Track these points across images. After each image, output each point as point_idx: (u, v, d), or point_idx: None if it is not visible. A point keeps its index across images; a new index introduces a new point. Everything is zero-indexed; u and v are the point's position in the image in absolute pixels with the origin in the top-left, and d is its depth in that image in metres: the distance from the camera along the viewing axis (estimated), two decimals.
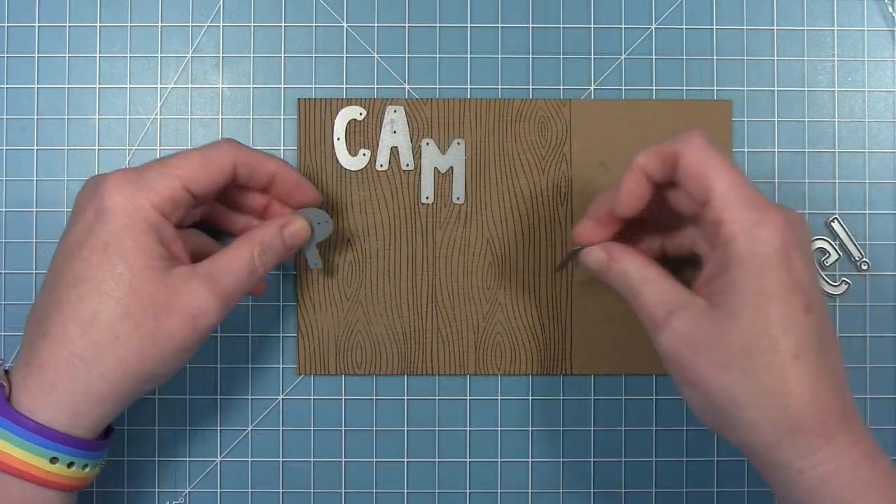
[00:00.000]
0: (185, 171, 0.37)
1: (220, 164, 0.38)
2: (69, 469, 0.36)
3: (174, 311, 0.36)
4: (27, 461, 0.35)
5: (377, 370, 0.45)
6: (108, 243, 0.35)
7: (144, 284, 0.35)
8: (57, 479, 0.35)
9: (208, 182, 0.38)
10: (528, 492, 0.46)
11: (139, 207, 0.36)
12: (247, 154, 0.39)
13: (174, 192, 0.36)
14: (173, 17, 0.46)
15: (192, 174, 0.37)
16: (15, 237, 0.45)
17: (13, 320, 0.45)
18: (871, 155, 0.46)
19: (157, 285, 0.35)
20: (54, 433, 0.35)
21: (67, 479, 0.36)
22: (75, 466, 0.36)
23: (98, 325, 0.35)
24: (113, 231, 0.35)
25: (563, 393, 0.46)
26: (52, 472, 0.35)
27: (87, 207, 0.36)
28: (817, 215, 0.46)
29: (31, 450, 0.35)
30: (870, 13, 0.46)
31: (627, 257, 0.37)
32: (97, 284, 0.35)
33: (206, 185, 0.37)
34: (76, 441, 0.35)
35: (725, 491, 0.46)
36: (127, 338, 0.35)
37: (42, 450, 0.35)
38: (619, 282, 0.38)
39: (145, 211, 0.36)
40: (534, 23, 0.46)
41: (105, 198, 0.35)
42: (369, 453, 0.46)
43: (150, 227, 0.36)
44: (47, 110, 0.46)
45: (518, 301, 0.45)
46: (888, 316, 0.46)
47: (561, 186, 0.45)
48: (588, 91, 0.46)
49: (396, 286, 0.45)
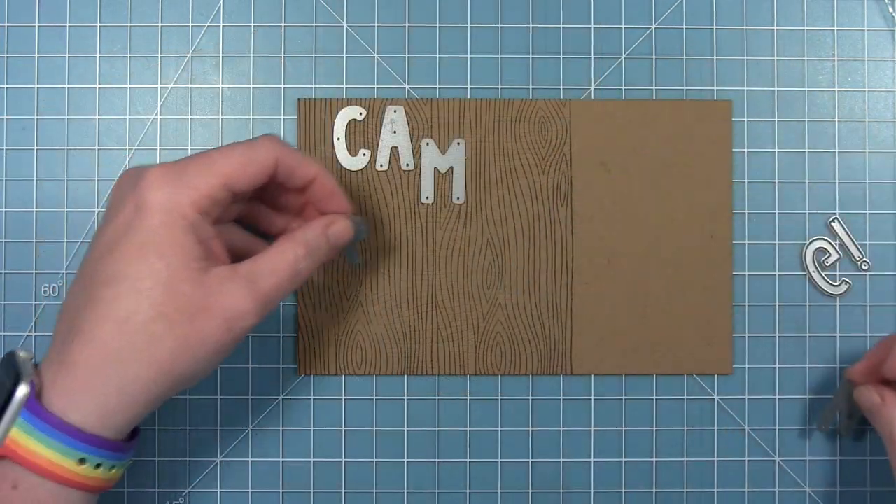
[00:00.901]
0: (226, 168, 0.36)
1: (262, 163, 0.37)
2: (96, 470, 0.35)
3: (210, 313, 0.35)
4: (56, 461, 0.34)
5: (377, 370, 0.45)
6: (146, 242, 0.34)
7: (181, 285, 0.34)
8: (84, 480, 0.35)
9: (249, 181, 0.37)
10: (529, 492, 0.46)
11: (179, 205, 0.35)
12: (288, 154, 0.38)
13: (214, 190, 0.36)
14: (173, 17, 0.46)
15: (233, 172, 0.36)
16: (15, 237, 0.45)
17: (13, 320, 0.45)
18: (871, 155, 0.46)
19: (193, 286, 0.35)
20: (84, 434, 0.34)
21: (94, 480, 0.35)
22: (102, 468, 0.35)
23: (133, 325, 0.34)
24: (151, 229, 0.34)
25: (563, 393, 0.46)
26: (79, 473, 0.34)
27: (126, 203, 0.35)
28: (817, 215, 0.46)
29: (60, 450, 0.34)
30: (870, 13, 0.46)
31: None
32: (133, 283, 0.34)
33: (246, 184, 0.37)
34: (105, 442, 0.35)
35: (725, 491, 0.46)
36: (161, 339, 0.34)
37: (71, 450, 0.34)
38: (884, 428, 0.40)
39: (185, 209, 0.35)
40: (534, 23, 0.46)
41: (144, 194, 0.35)
42: (369, 453, 0.46)
43: (189, 226, 0.35)
44: (47, 110, 0.46)
45: (518, 301, 0.45)
46: (888, 316, 0.46)
47: (561, 186, 0.45)
48: (588, 91, 0.46)
49: (396, 286, 0.45)
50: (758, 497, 0.46)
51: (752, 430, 0.46)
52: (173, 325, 0.34)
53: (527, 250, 0.46)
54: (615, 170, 0.45)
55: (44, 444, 0.34)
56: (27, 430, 0.34)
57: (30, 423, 0.34)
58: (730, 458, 0.46)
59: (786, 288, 0.46)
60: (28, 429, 0.34)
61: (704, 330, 0.45)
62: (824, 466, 0.46)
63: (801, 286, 0.46)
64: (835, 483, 0.46)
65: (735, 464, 0.46)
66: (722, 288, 0.45)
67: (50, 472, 0.34)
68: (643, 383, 0.46)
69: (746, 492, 0.46)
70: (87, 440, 0.34)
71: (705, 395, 0.46)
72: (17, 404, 0.34)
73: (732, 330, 0.45)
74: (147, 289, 0.34)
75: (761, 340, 0.46)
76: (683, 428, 0.46)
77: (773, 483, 0.46)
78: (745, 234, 0.46)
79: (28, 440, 0.34)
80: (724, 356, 0.45)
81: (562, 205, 0.46)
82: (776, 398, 0.46)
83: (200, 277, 0.35)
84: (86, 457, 0.34)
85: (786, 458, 0.46)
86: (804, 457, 0.46)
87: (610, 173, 0.46)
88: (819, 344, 0.46)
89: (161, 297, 0.34)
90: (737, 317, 0.46)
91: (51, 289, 0.45)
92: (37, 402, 0.34)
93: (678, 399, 0.46)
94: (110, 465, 0.35)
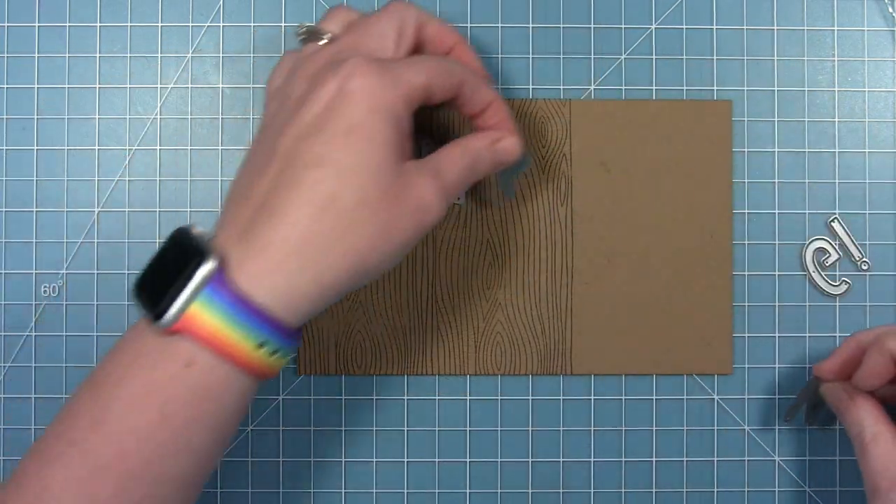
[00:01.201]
0: (430, 73, 0.36)
1: (457, 77, 0.37)
2: (270, 357, 0.34)
3: (406, 203, 0.34)
4: (236, 342, 0.33)
5: (377, 370, 0.45)
6: (353, 127, 0.34)
7: (384, 173, 0.34)
8: (258, 366, 0.34)
9: (444, 92, 0.36)
10: (529, 492, 0.46)
11: (386, 97, 0.34)
12: (473, 77, 0.38)
13: (418, 90, 0.35)
14: (173, 17, 0.46)
15: (435, 77, 0.36)
16: (15, 237, 0.45)
17: (13, 320, 0.45)
18: (871, 155, 0.46)
19: (393, 176, 0.34)
20: (270, 317, 0.33)
21: (265, 368, 0.34)
22: (277, 355, 0.34)
23: (336, 210, 0.33)
24: (358, 115, 0.34)
25: (563, 393, 0.46)
26: (256, 358, 0.33)
27: (324, 85, 0.35)
28: (817, 215, 0.46)
29: (243, 331, 0.33)
30: (870, 13, 0.46)
31: (866, 407, 0.39)
32: (339, 168, 0.33)
33: (443, 92, 0.36)
34: (286, 329, 0.34)
35: (725, 491, 0.46)
36: (362, 226, 0.33)
37: (254, 333, 0.33)
38: (851, 428, 0.39)
39: (391, 101, 0.34)
40: (534, 23, 0.46)
41: (351, 80, 0.34)
42: (369, 453, 0.46)
43: (393, 118, 0.34)
44: (47, 110, 0.46)
45: (518, 301, 0.45)
46: (888, 316, 0.46)
47: (561, 186, 0.45)
48: (588, 91, 0.46)
49: (396, 286, 0.45)
50: (758, 497, 0.46)
51: (752, 430, 0.46)
52: (374, 212, 0.34)
53: (527, 250, 0.46)
54: (615, 170, 0.45)
55: (226, 323, 0.32)
56: (210, 306, 0.32)
57: (214, 300, 0.32)
58: (730, 458, 0.46)
59: (786, 288, 0.46)
60: (212, 305, 0.32)
61: (704, 330, 0.45)
62: (824, 466, 0.46)
63: (801, 286, 0.46)
64: (835, 483, 0.46)
65: (735, 464, 0.46)
66: (722, 288, 0.45)
67: (228, 352, 0.33)
68: (643, 383, 0.46)
69: (746, 492, 0.46)
70: (271, 324, 0.33)
71: (705, 395, 0.46)
72: (200, 279, 0.32)
73: (732, 330, 0.45)
74: (353, 174, 0.33)
75: (761, 340, 0.46)
76: (683, 428, 0.46)
77: (773, 483, 0.46)
78: (745, 234, 0.46)
79: (211, 317, 0.32)
80: (724, 356, 0.45)
81: (562, 205, 0.46)
82: (776, 398, 0.46)
83: (399, 168, 0.35)
84: (266, 341, 0.33)
85: (786, 458, 0.46)
86: (804, 457, 0.46)
87: (610, 173, 0.46)
88: (819, 344, 0.46)
89: (366, 183, 0.34)
90: (737, 317, 0.46)
91: (51, 289, 0.45)
92: (224, 279, 0.33)
93: (678, 399, 0.46)
94: (284, 353, 0.34)
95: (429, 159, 0.37)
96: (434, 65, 0.36)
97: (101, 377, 0.34)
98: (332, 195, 0.33)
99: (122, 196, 0.46)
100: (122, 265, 0.45)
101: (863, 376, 0.39)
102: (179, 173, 0.46)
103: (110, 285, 0.45)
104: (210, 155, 0.46)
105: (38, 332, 0.45)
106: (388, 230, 0.34)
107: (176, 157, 0.46)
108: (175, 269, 0.33)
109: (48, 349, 0.45)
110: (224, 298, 0.32)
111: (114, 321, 0.45)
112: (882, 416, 0.39)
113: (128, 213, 0.46)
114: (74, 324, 0.45)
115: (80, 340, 0.45)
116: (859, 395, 0.40)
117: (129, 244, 0.45)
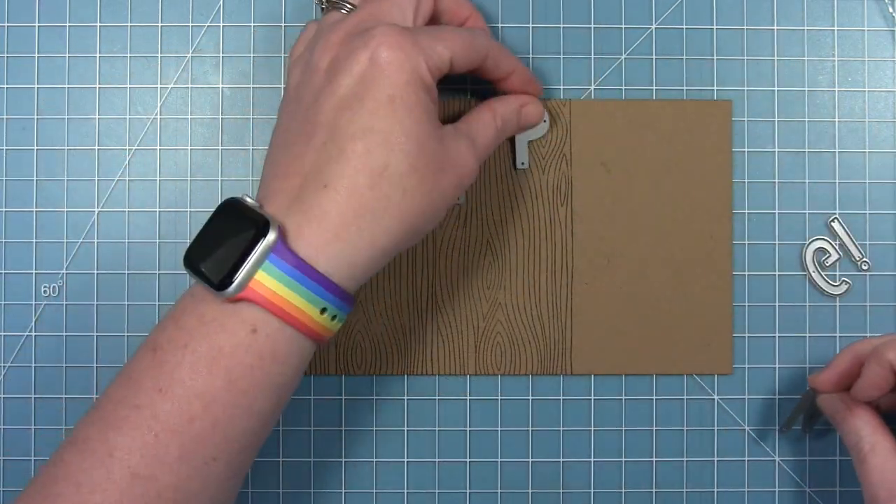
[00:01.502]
0: (455, 44, 0.37)
1: (482, 50, 0.38)
2: (331, 321, 0.35)
3: (448, 167, 0.36)
4: (301, 307, 0.34)
5: (377, 370, 0.45)
6: (394, 96, 0.35)
7: (428, 140, 0.35)
8: (320, 330, 0.35)
9: (469, 62, 0.38)
10: (529, 492, 0.46)
11: (419, 66, 0.35)
12: (497, 47, 0.40)
13: (444, 61, 0.36)
14: (173, 17, 0.46)
15: (460, 49, 0.37)
16: (15, 237, 0.45)
17: (13, 320, 0.45)
18: (871, 155, 0.46)
19: (436, 143, 0.36)
20: (331, 283, 0.34)
21: (326, 331, 0.36)
22: (336, 319, 0.36)
23: (388, 178, 0.35)
24: (398, 84, 0.35)
25: (563, 393, 0.46)
26: (318, 322, 0.35)
27: (356, 55, 0.35)
28: (817, 215, 0.46)
29: (307, 297, 0.34)
30: (870, 13, 0.46)
31: (863, 417, 0.39)
32: (386, 137, 0.35)
33: (467, 64, 0.38)
34: (345, 294, 0.35)
35: (725, 491, 0.46)
36: (413, 192, 0.35)
37: (318, 298, 0.34)
38: (849, 438, 0.39)
39: (423, 71, 0.36)
40: (534, 23, 0.46)
41: (381, 50, 0.35)
42: (369, 453, 0.46)
43: (425, 88, 0.36)
44: (47, 110, 0.46)
45: (518, 301, 0.45)
46: (888, 316, 0.46)
47: (561, 186, 0.45)
48: (588, 91, 0.46)
49: (396, 286, 0.45)
50: (758, 497, 0.46)
51: (752, 430, 0.46)
52: (423, 179, 0.35)
53: (527, 250, 0.46)
54: (615, 170, 0.45)
55: (292, 290, 0.34)
56: (275, 274, 0.34)
57: (279, 269, 0.34)
58: (730, 458, 0.46)
59: (786, 288, 0.46)
60: (277, 274, 0.34)
61: (704, 330, 0.45)
62: (824, 466, 0.46)
63: (801, 286, 0.46)
64: (835, 483, 0.46)
65: (735, 464, 0.46)
66: (722, 288, 0.45)
67: (294, 318, 0.34)
68: (643, 383, 0.46)
69: (746, 492, 0.46)
70: (332, 290, 0.35)
71: (705, 395, 0.46)
72: (264, 248, 0.34)
73: (732, 330, 0.45)
74: (400, 143, 0.35)
75: (761, 340, 0.46)
76: (683, 428, 0.46)
77: (773, 483, 0.46)
78: (745, 234, 0.46)
79: (277, 285, 0.34)
80: (724, 356, 0.45)
81: (562, 205, 0.46)
82: (776, 398, 0.46)
83: (439, 135, 0.36)
84: (328, 306, 0.35)
85: (786, 458, 0.46)
86: (804, 457, 0.46)
87: (610, 173, 0.46)
88: (819, 344, 0.46)
89: (413, 150, 0.35)
90: (737, 317, 0.46)
91: (51, 289, 0.45)
92: (287, 247, 0.34)
93: (678, 399, 0.46)
94: (341, 317, 0.36)
95: (462, 124, 0.39)
96: (459, 38, 0.37)
97: (163, 343, 0.34)
98: (384, 164, 0.34)
99: (122, 196, 0.46)
100: (122, 265, 0.45)
101: (862, 387, 0.39)
102: (179, 173, 0.46)
103: (110, 285, 0.45)
104: (210, 155, 0.46)
105: (38, 332, 0.45)
106: (434, 193, 0.36)
107: (176, 157, 0.46)
108: (234, 238, 0.34)
109: (48, 349, 0.45)
110: (287, 266, 0.34)
111: (114, 321, 0.45)
112: (880, 426, 0.39)
113: (128, 213, 0.46)
114: (74, 324, 0.45)
115: (80, 340, 0.45)
116: (857, 405, 0.40)
117: (129, 244, 0.45)
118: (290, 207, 0.35)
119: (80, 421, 0.35)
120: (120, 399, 0.34)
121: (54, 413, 0.45)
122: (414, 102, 0.35)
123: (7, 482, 0.45)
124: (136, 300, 0.45)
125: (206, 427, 0.34)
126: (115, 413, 0.34)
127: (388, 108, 0.35)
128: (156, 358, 0.34)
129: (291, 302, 0.34)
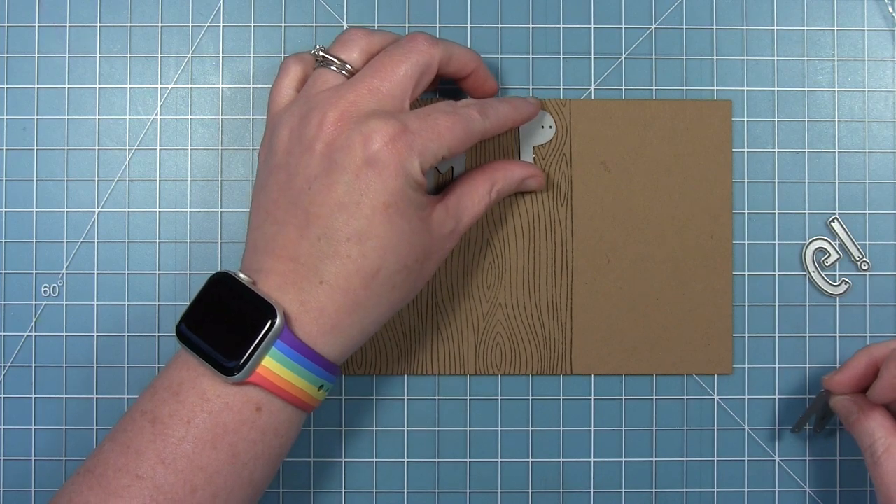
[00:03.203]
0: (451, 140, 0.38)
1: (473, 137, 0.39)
2: (322, 393, 0.38)
3: (433, 253, 0.39)
4: (302, 388, 0.37)
5: (377, 370, 0.45)
6: (390, 203, 0.36)
7: (419, 238, 0.38)
8: (314, 403, 0.38)
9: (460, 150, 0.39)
10: (529, 492, 0.46)
11: (412, 169, 0.37)
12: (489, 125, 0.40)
13: (437, 159, 0.38)
14: (173, 17, 0.46)
15: (456, 144, 0.38)
16: (15, 237, 0.45)
17: (13, 320, 0.45)
18: (871, 155, 0.46)
19: (425, 237, 0.38)
20: (329, 364, 0.37)
21: (317, 403, 0.38)
22: (324, 390, 0.38)
23: (380, 279, 0.37)
24: (394, 191, 0.36)
25: (563, 393, 0.46)
26: (313, 397, 0.37)
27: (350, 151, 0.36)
28: (817, 215, 0.46)
29: (309, 378, 0.37)
30: (870, 13, 0.46)
31: (877, 419, 0.39)
32: (381, 242, 0.36)
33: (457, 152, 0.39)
34: (338, 370, 0.38)
35: (725, 491, 0.46)
36: (401, 286, 0.38)
37: (318, 379, 0.37)
38: (862, 440, 0.40)
39: (417, 173, 0.37)
40: (534, 23, 0.46)
41: (381, 153, 0.36)
42: (369, 453, 0.46)
43: (417, 184, 0.37)
44: (47, 110, 0.46)
45: (518, 301, 0.45)
46: (888, 316, 0.46)
47: (561, 186, 0.45)
48: (588, 91, 0.46)
49: None
50: (758, 497, 0.46)
51: (752, 430, 0.46)
52: (410, 273, 0.38)
53: (527, 250, 0.46)
54: (615, 170, 0.45)
55: (295, 373, 0.36)
56: (280, 359, 0.36)
57: (284, 354, 0.36)
58: (730, 458, 0.46)
59: (786, 288, 0.46)
60: (281, 358, 0.36)
61: (704, 330, 0.45)
62: (824, 466, 0.46)
63: (801, 286, 0.46)
64: (835, 483, 0.46)
65: (735, 464, 0.46)
66: (722, 288, 0.45)
67: (295, 397, 0.37)
68: (643, 383, 0.46)
69: (746, 492, 0.46)
70: (329, 369, 0.37)
71: (705, 394, 0.46)
72: (273, 335, 0.36)
73: (732, 330, 0.45)
74: (393, 246, 0.37)
75: (761, 340, 0.46)
76: (683, 428, 0.46)
77: (773, 483, 0.46)
78: (745, 234, 0.46)
79: (281, 369, 0.36)
80: (724, 356, 0.45)
81: (562, 204, 0.46)
82: (776, 398, 0.46)
83: (429, 228, 0.38)
84: (324, 383, 0.37)
85: (786, 458, 0.46)
86: (804, 457, 0.46)
87: (610, 173, 0.46)
88: (819, 344, 0.46)
89: (405, 252, 0.37)
90: (737, 317, 0.46)
91: (51, 289, 0.45)
92: (292, 334, 0.36)
93: (678, 399, 0.46)
94: (330, 388, 0.38)
95: (452, 198, 0.40)
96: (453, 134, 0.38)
97: (164, 416, 0.36)
98: (378, 267, 0.37)
99: (122, 196, 0.46)
100: (122, 265, 0.45)
101: (880, 389, 0.39)
102: (179, 173, 0.46)
103: (110, 285, 0.45)
104: (210, 155, 0.46)
105: (38, 332, 0.45)
106: (419, 281, 0.39)
107: (176, 157, 0.46)
108: (240, 323, 0.36)
109: (48, 349, 0.45)
110: (292, 352, 0.36)
111: (113, 321, 0.45)
112: (894, 428, 0.39)
113: (128, 213, 0.46)
114: (74, 324, 0.45)
115: (80, 340, 0.45)
116: (870, 407, 0.40)
117: (129, 244, 0.45)
118: (285, 292, 0.36)
119: (74, 482, 0.36)
120: (120, 467, 0.35)
121: (54, 413, 0.45)
122: (407, 205, 0.37)
123: (7, 482, 0.45)
124: (136, 300, 0.45)
125: (207, 497, 0.35)
126: (117, 481, 0.35)
127: (384, 215, 0.36)
128: (156, 430, 0.36)
129: (294, 384, 0.36)
